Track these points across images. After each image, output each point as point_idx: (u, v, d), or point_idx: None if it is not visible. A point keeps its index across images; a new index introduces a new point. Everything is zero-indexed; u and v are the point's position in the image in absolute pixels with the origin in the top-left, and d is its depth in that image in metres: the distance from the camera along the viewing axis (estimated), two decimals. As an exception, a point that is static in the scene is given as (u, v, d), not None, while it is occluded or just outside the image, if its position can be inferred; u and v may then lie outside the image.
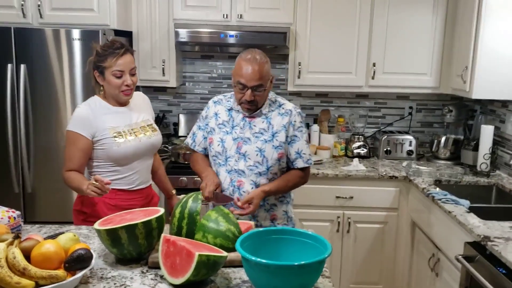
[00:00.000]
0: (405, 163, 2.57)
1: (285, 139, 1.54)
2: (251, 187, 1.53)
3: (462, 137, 2.64)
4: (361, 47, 2.56)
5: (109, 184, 1.39)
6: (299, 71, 2.58)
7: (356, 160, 2.56)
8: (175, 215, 1.37)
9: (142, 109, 1.71)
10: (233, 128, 1.55)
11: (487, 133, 2.30)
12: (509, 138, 2.38)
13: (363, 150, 2.74)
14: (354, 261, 2.49)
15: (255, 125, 1.54)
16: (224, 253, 1.15)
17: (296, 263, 1.02)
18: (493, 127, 2.33)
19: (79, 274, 1.07)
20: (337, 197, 2.42)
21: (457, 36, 2.45)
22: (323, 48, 2.56)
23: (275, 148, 1.54)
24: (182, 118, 2.84)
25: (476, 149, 2.41)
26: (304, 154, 1.58)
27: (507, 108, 2.40)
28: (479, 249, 1.56)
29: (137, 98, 1.71)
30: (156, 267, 1.22)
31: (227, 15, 2.51)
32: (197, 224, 1.31)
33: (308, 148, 1.60)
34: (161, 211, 1.29)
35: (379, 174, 2.40)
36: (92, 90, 1.68)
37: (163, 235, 1.20)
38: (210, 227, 1.28)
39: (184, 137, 2.76)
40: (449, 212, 1.82)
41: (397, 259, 2.48)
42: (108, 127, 1.57)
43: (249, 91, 1.46)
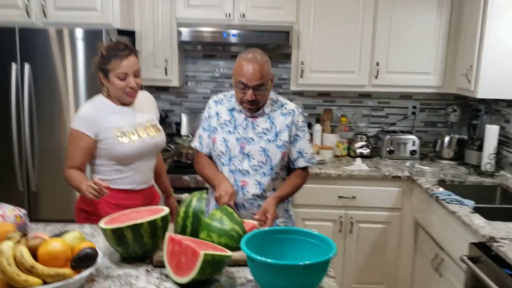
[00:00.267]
0: (408, 163, 2.56)
1: (288, 138, 1.54)
2: (255, 187, 1.54)
3: (466, 137, 2.63)
4: (364, 46, 2.55)
5: (108, 188, 1.38)
6: (302, 71, 2.58)
7: (358, 160, 2.56)
8: (179, 214, 1.37)
9: (146, 109, 1.70)
10: (235, 128, 1.55)
11: (492, 133, 2.30)
12: (513, 138, 2.37)
13: (365, 150, 2.73)
14: (357, 261, 2.48)
15: (258, 125, 1.54)
16: (229, 253, 1.15)
17: (301, 263, 1.02)
18: (498, 127, 2.32)
19: (86, 273, 1.08)
20: (340, 197, 2.41)
21: (462, 35, 2.44)
22: (326, 47, 2.55)
23: (279, 148, 1.54)
24: (185, 118, 2.85)
25: (480, 149, 2.40)
26: (306, 153, 1.58)
27: (512, 108, 2.39)
28: (484, 249, 1.55)
29: (143, 97, 1.71)
30: (161, 266, 1.22)
31: (229, 14, 2.51)
32: (202, 223, 1.31)
33: (310, 147, 1.60)
34: (166, 210, 1.29)
35: (382, 174, 2.39)
36: (96, 89, 1.69)
37: (168, 234, 1.20)
38: (214, 226, 1.28)
39: (187, 136, 2.76)
40: (454, 212, 1.81)
41: (400, 259, 2.48)
42: (112, 126, 1.57)
43: (250, 90, 1.46)
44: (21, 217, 1.38)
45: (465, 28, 2.40)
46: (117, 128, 1.58)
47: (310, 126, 2.81)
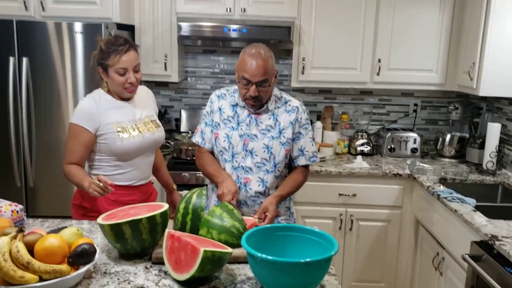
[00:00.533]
0: (409, 161, 2.54)
1: (291, 136, 1.53)
2: (258, 185, 1.52)
3: (468, 135, 2.62)
4: (366, 42, 2.53)
5: (112, 185, 1.37)
6: (303, 67, 2.55)
7: (359, 157, 2.54)
8: (179, 211, 1.36)
9: (146, 104, 1.69)
10: (238, 124, 1.53)
11: (494, 131, 2.28)
12: (515, 136, 2.36)
13: (366, 147, 2.72)
14: (357, 259, 2.47)
15: (261, 122, 1.52)
16: (229, 249, 1.13)
17: (303, 260, 1.01)
18: (500, 125, 2.30)
19: (83, 269, 1.06)
20: (340, 194, 2.40)
21: (464, 32, 2.42)
22: (328, 43, 2.53)
23: (282, 145, 1.52)
24: (184, 114, 2.82)
25: (482, 147, 2.39)
26: (307, 151, 1.56)
27: (514, 106, 2.38)
28: (486, 248, 1.54)
29: (142, 92, 1.69)
30: (160, 262, 1.20)
31: (230, 8, 2.49)
32: (202, 220, 1.29)
33: (313, 145, 1.58)
34: (165, 206, 1.27)
35: (383, 172, 2.38)
36: (96, 83, 1.66)
37: (167, 231, 1.19)
38: (214, 223, 1.26)
39: (186, 132, 2.74)
40: (455, 210, 1.80)
41: (400, 258, 2.47)
42: (112, 121, 1.55)
43: (253, 86, 1.43)
44: (17, 212, 1.36)
45: (467, 25, 2.38)
46: (117, 123, 1.56)
47: (311, 123, 2.78)
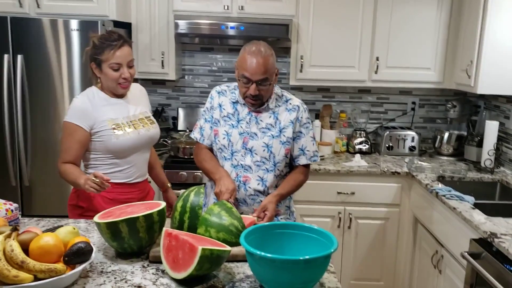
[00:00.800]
0: (407, 159, 2.54)
1: (292, 135, 1.51)
2: (257, 183, 1.50)
3: (465, 133, 2.62)
4: (364, 40, 2.52)
5: (108, 181, 1.36)
6: (301, 65, 2.54)
7: (357, 156, 2.54)
8: (176, 209, 1.34)
9: (139, 101, 1.67)
10: (238, 122, 1.51)
11: (491, 129, 2.28)
12: (513, 134, 2.36)
13: (365, 146, 2.71)
14: (355, 257, 2.47)
15: (262, 120, 1.51)
16: (228, 248, 1.12)
17: (302, 258, 1.00)
18: (498, 123, 2.31)
19: (79, 268, 1.04)
20: (339, 193, 2.39)
21: (462, 30, 2.42)
22: (326, 41, 2.52)
23: (283, 144, 1.50)
24: (181, 112, 2.80)
25: (480, 145, 2.39)
26: (308, 151, 1.55)
27: (512, 104, 2.38)
28: (484, 246, 1.54)
29: (135, 89, 1.68)
30: (157, 261, 1.19)
31: (228, 6, 2.47)
32: (199, 218, 1.28)
33: (314, 144, 1.57)
34: (162, 204, 1.26)
35: (381, 170, 2.37)
36: (88, 80, 1.64)
37: (165, 229, 1.17)
38: (212, 221, 1.25)
39: (184, 131, 2.72)
40: (454, 208, 1.80)
41: (399, 256, 2.46)
42: (106, 118, 1.54)
43: (253, 85, 1.42)
44: (12, 211, 1.34)
45: (465, 23, 2.38)
46: (112, 120, 1.55)
47: (309, 121, 2.78)
